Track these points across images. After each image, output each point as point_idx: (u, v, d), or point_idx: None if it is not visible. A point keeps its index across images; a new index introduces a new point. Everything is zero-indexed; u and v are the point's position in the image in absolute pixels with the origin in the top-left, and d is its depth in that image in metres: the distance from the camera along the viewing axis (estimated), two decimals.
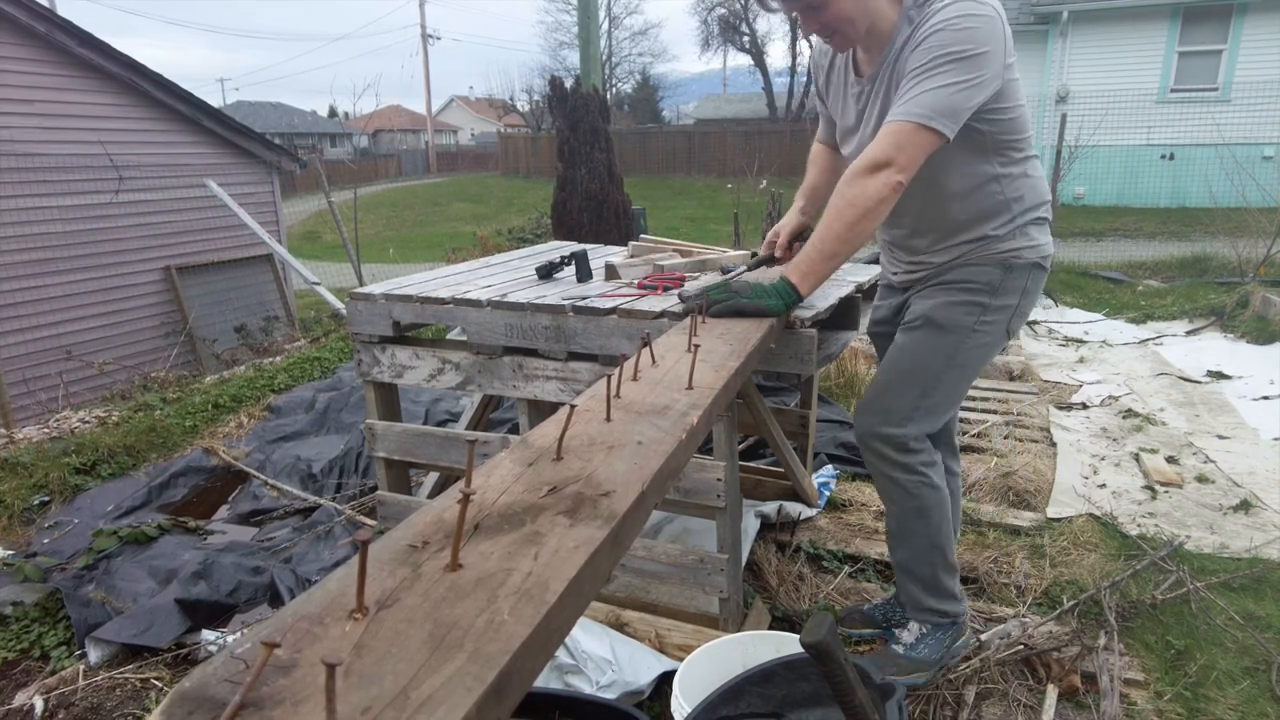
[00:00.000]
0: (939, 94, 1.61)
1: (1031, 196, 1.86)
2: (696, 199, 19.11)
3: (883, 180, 1.63)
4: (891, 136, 1.63)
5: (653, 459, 0.94)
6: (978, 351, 1.89)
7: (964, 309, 1.86)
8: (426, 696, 0.50)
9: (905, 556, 2.03)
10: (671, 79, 45.64)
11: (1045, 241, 1.90)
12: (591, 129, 6.63)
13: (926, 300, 1.92)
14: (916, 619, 2.07)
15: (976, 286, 1.86)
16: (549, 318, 2.13)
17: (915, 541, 1.99)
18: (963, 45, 1.60)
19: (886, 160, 1.63)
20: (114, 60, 7.18)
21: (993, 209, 1.84)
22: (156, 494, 3.53)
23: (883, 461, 1.94)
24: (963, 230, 1.86)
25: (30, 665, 2.43)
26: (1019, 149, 1.83)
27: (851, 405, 4.21)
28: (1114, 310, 6.52)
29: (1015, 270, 1.85)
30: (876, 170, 1.64)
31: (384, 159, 36.10)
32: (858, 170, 1.67)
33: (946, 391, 1.91)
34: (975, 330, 1.86)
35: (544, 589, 0.64)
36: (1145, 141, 12.53)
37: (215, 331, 7.73)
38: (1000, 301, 1.86)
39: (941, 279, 1.92)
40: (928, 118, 1.61)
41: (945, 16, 1.63)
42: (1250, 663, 2.17)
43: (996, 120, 1.74)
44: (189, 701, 0.49)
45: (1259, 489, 3.23)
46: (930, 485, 1.94)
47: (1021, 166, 1.84)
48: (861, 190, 1.65)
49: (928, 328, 1.89)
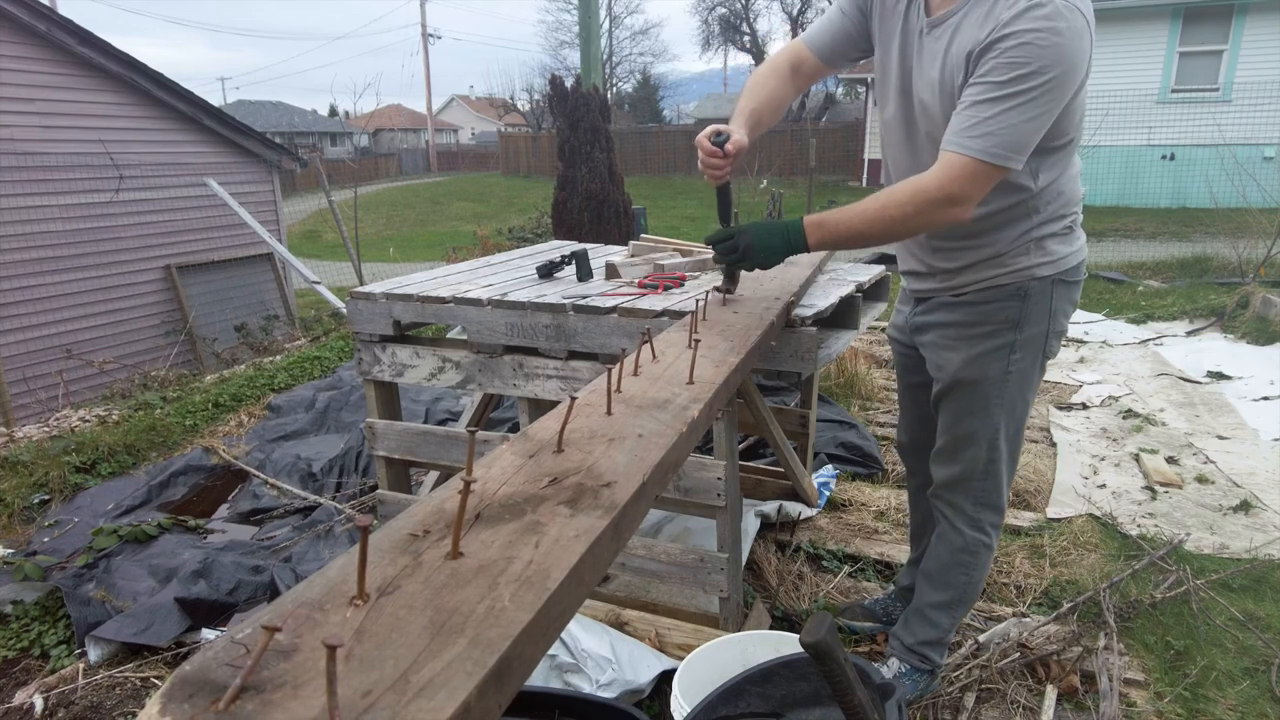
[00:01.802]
0: (1017, 127, 1.44)
1: (1059, 205, 1.68)
2: (697, 199, 19.12)
3: (949, 216, 1.52)
4: (959, 171, 1.48)
5: (653, 451, 0.94)
6: (1023, 389, 1.79)
7: (991, 357, 1.75)
8: (427, 680, 0.50)
9: (930, 601, 1.99)
10: (672, 78, 45.77)
11: (1069, 252, 1.72)
12: (592, 128, 6.63)
13: (948, 354, 1.81)
14: (901, 655, 2.04)
15: (995, 328, 1.74)
16: (549, 317, 2.13)
17: (948, 594, 1.96)
18: (1047, 68, 1.41)
19: (948, 197, 1.49)
20: (114, 59, 7.19)
21: (1009, 220, 1.68)
22: (156, 493, 3.53)
23: (954, 511, 1.91)
24: (967, 235, 1.70)
25: (30, 664, 2.43)
26: (1064, 147, 1.63)
27: (852, 405, 4.21)
28: (1114, 310, 6.52)
29: (1034, 293, 1.71)
30: (950, 205, 1.50)
31: (384, 158, 36.11)
32: (929, 196, 1.51)
33: (1010, 437, 1.84)
34: (1010, 373, 1.76)
35: (545, 576, 0.64)
36: (1146, 142, 12.53)
37: (215, 330, 7.73)
38: (1027, 333, 1.73)
39: (957, 320, 1.78)
40: (1004, 157, 1.46)
41: (1035, 25, 1.40)
42: (1250, 663, 2.17)
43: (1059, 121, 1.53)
44: (190, 685, 0.49)
45: (1259, 489, 3.23)
46: (988, 547, 1.91)
47: (1059, 170, 1.65)
48: (925, 217, 1.53)
49: (963, 389, 1.80)
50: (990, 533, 1.91)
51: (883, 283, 2.72)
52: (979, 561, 1.92)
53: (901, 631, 2.06)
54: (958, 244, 1.74)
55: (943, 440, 1.90)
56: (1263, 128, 11.62)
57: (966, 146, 1.47)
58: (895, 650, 2.06)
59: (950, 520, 1.93)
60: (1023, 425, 1.87)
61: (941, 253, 1.78)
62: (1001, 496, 1.89)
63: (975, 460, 1.84)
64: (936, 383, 1.87)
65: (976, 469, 1.85)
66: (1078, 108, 1.58)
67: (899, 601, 2.30)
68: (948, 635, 2.01)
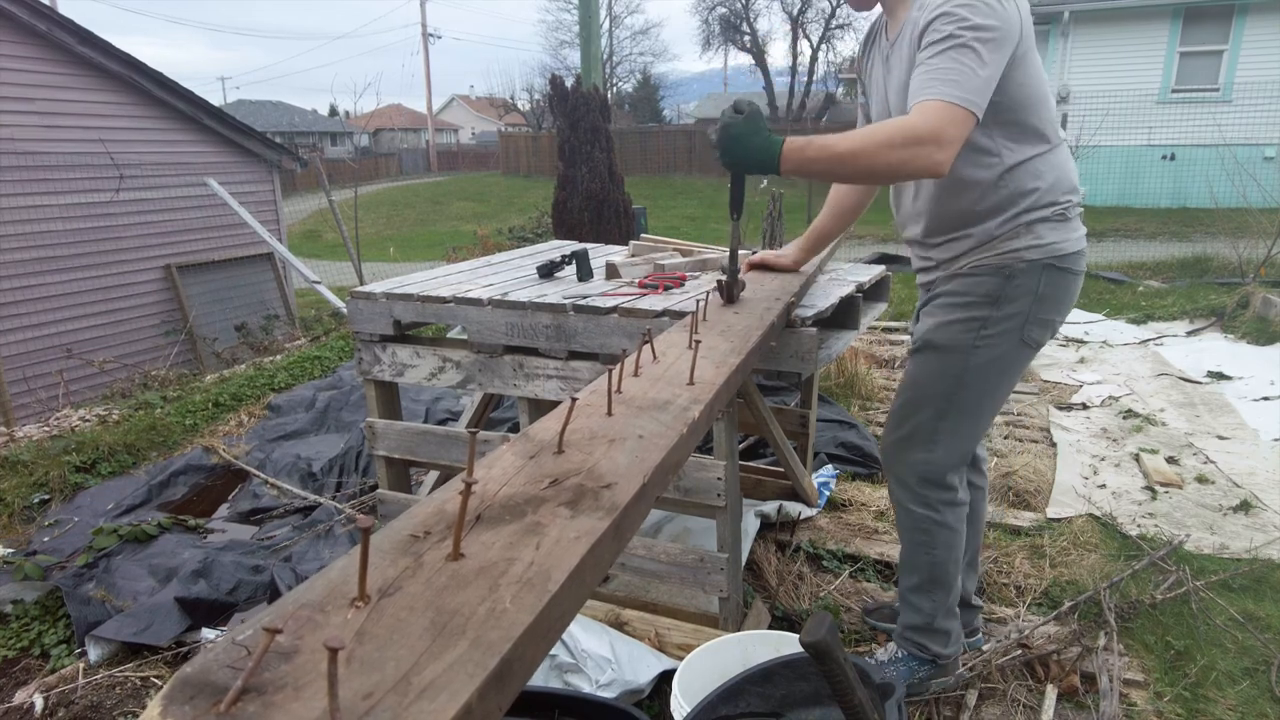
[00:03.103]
0: (965, 71, 1.50)
1: (1046, 189, 1.71)
2: (697, 198, 19.12)
3: (927, 154, 1.49)
4: (936, 112, 1.49)
5: (654, 452, 0.94)
6: (989, 367, 1.79)
7: (961, 326, 1.78)
8: (428, 682, 0.51)
9: (906, 585, 2.01)
10: (672, 78, 45.76)
11: (1061, 240, 1.73)
12: (592, 128, 6.63)
13: (928, 319, 1.85)
14: (899, 641, 2.05)
15: (973, 300, 1.77)
16: (550, 316, 2.13)
17: (916, 576, 1.96)
18: (979, 25, 1.51)
19: (933, 135, 1.48)
20: (114, 59, 7.19)
21: (992, 202, 1.71)
22: (156, 492, 3.53)
23: (901, 488, 1.92)
24: (958, 224, 1.76)
25: (30, 663, 2.43)
26: (1031, 129, 1.69)
27: (852, 405, 4.21)
28: (1114, 311, 6.52)
29: (1019, 275, 1.72)
30: (927, 141, 1.48)
31: (385, 158, 36.10)
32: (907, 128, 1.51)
33: (965, 413, 1.83)
34: (977, 347, 1.77)
35: (546, 578, 0.64)
36: (1146, 142, 12.52)
37: (215, 330, 7.74)
38: (1005, 311, 1.75)
39: (945, 291, 1.83)
40: (965, 99, 1.49)
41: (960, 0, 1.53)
42: (1250, 663, 2.17)
43: (1007, 92, 1.60)
44: (191, 686, 0.49)
45: (1259, 489, 3.23)
46: (940, 524, 1.89)
47: (1033, 150, 1.70)
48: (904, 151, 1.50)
49: (927, 351, 1.84)
50: (940, 509, 1.88)
51: (883, 283, 2.72)
52: (936, 540, 1.90)
53: (899, 619, 2.08)
54: (953, 235, 1.80)
55: (898, 401, 1.93)
56: (1263, 128, 11.61)
57: (929, 93, 1.52)
58: (894, 636, 2.08)
59: (899, 500, 1.94)
60: (989, 405, 1.86)
61: (941, 246, 1.84)
62: (947, 474, 1.87)
63: (920, 426, 1.86)
64: (910, 350, 1.93)
65: (920, 434, 1.86)
66: (1031, 82, 1.65)
67: None
68: (934, 621, 1.97)
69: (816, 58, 28.05)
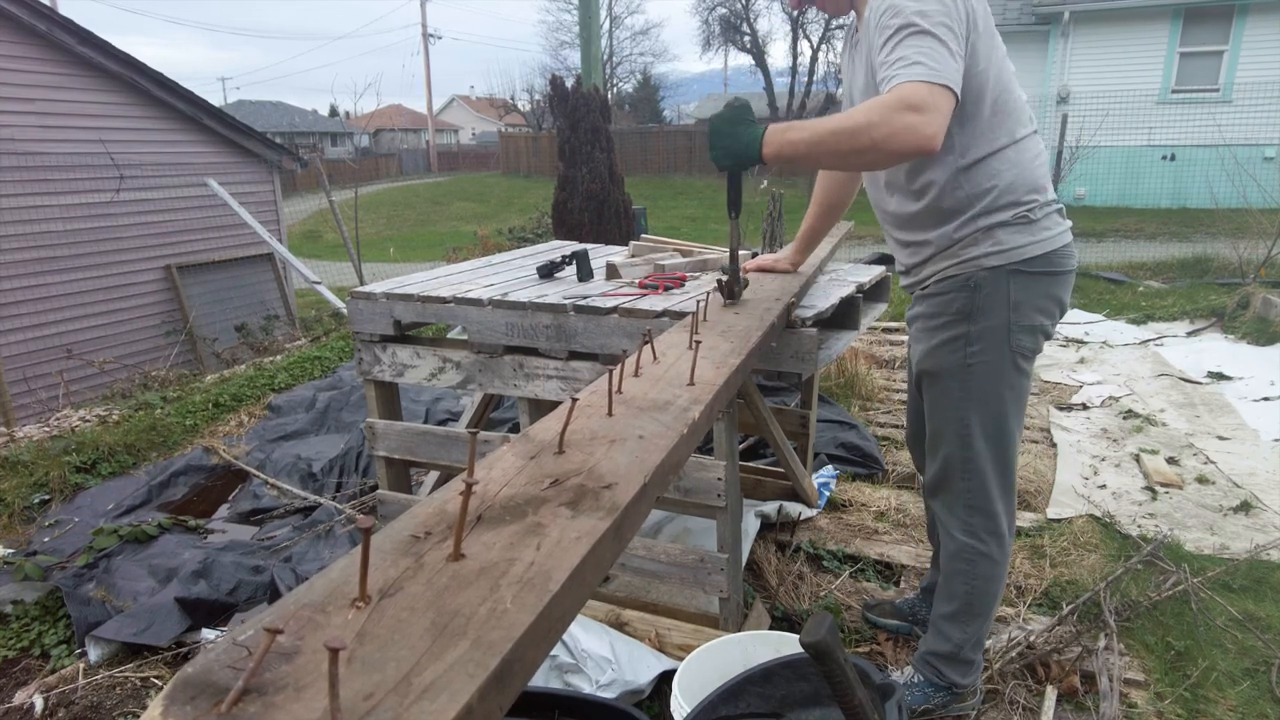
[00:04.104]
0: (929, 52, 1.45)
1: (1004, 189, 1.65)
2: (697, 199, 19.12)
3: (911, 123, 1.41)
4: (913, 88, 1.44)
5: (654, 453, 0.94)
6: (989, 384, 1.74)
7: (948, 348, 1.76)
8: (429, 683, 0.51)
9: (939, 612, 1.96)
10: (672, 78, 45.72)
11: (1024, 244, 1.67)
12: (592, 128, 6.63)
13: (916, 346, 1.87)
14: (916, 664, 2.01)
15: (949, 319, 1.75)
16: (550, 317, 2.13)
17: (953, 604, 1.92)
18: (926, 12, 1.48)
19: (914, 105, 1.42)
20: (114, 59, 7.19)
21: (950, 204, 1.68)
22: (157, 492, 3.53)
23: (948, 514, 1.89)
24: (918, 225, 1.74)
25: (30, 663, 2.43)
26: (987, 123, 1.63)
27: (852, 405, 4.21)
28: (1114, 311, 6.52)
29: (985, 285, 1.68)
30: (903, 113, 1.42)
31: (385, 158, 36.10)
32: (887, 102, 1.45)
33: (987, 436, 1.78)
34: (969, 364, 1.74)
35: (546, 578, 0.64)
36: (1146, 142, 12.53)
37: (216, 330, 7.73)
38: (981, 325, 1.71)
39: (922, 313, 1.82)
40: (938, 74, 1.44)
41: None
42: (1250, 664, 2.17)
43: None
44: (192, 687, 0.49)
45: (1259, 490, 3.23)
46: (983, 554, 1.85)
47: (990, 147, 1.64)
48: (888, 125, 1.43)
49: (927, 380, 1.84)
50: (986, 540, 1.84)
51: (883, 283, 2.72)
52: (977, 571, 1.86)
53: (922, 639, 2.03)
54: (917, 237, 1.78)
55: (927, 437, 1.93)
56: (1263, 128, 11.61)
57: (897, 80, 1.47)
58: (914, 659, 2.03)
59: (945, 525, 1.91)
60: (1006, 423, 1.79)
61: (909, 248, 1.84)
62: (990, 500, 1.82)
63: (951, 457, 1.84)
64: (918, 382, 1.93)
65: (954, 465, 1.84)
66: (988, 73, 1.60)
67: (924, 603, 2.30)
68: (962, 651, 1.91)
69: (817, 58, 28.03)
